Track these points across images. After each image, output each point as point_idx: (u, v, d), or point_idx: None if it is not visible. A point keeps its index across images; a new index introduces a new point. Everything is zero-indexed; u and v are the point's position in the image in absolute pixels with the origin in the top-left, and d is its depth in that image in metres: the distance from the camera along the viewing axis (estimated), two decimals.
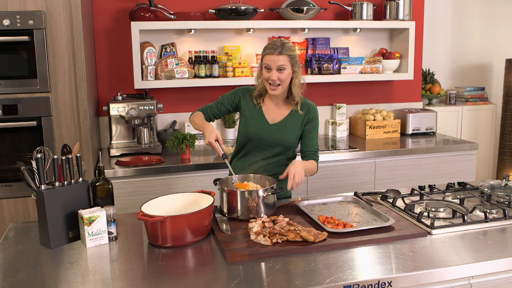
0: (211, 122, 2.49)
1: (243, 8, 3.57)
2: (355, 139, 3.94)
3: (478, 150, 3.76)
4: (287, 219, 2.00)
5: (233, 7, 3.56)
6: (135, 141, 3.51)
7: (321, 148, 3.62)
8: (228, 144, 3.62)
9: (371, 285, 1.62)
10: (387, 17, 3.91)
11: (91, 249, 1.89)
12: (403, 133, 4.02)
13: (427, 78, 4.50)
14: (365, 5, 3.82)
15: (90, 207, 1.99)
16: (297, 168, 2.24)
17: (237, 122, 3.74)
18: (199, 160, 3.31)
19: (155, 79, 3.56)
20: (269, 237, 1.86)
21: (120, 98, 3.43)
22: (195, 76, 3.63)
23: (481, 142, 4.47)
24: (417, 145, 3.73)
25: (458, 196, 2.35)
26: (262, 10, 3.68)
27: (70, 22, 2.84)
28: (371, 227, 1.97)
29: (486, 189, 2.37)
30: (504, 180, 2.37)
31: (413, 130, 3.99)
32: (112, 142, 3.49)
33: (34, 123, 2.88)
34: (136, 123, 3.43)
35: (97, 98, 3.62)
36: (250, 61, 3.81)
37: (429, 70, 4.53)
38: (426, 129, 4.02)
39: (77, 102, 2.92)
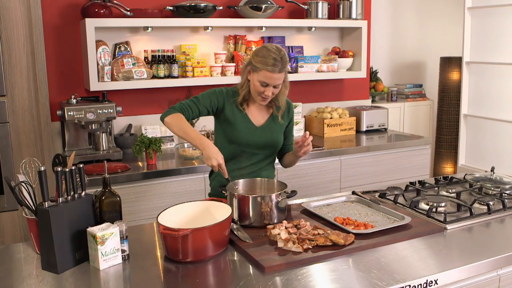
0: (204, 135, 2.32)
1: (202, 5, 3.43)
2: (312, 138, 3.94)
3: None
4: (307, 223, 1.93)
5: (192, 4, 3.40)
6: (92, 147, 3.24)
7: None
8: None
9: (420, 284, 1.60)
10: (340, 16, 3.96)
11: (104, 271, 1.68)
12: (358, 130, 4.10)
13: (371, 76, 4.63)
14: (320, 4, 3.84)
15: (96, 223, 1.78)
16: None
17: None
18: (168, 164, 3.13)
19: (111, 80, 3.31)
20: (298, 243, 1.78)
21: (74, 101, 3.14)
22: (154, 77, 3.42)
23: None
24: (371, 141, 3.82)
25: (451, 190, 2.41)
26: (221, 7, 3.56)
27: (28, 17, 2.55)
28: (391, 226, 1.95)
29: (474, 182, 2.46)
30: (492, 172, 2.47)
31: (367, 127, 4.09)
32: (66, 149, 3.19)
33: None
34: (93, 128, 3.16)
35: None
36: (208, 60, 3.67)
37: (372, 68, 4.67)
38: (379, 126, 4.13)
39: (37, 106, 2.63)
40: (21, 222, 2.69)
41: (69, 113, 3.03)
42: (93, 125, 3.14)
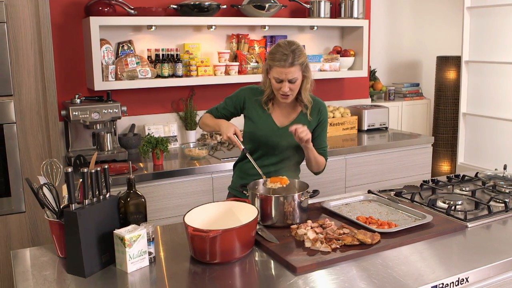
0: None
1: (207, 4, 3.39)
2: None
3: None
4: (332, 223, 1.92)
5: (197, 3, 3.37)
6: (96, 148, 3.18)
7: None
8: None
9: (452, 282, 1.60)
10: (342, 15, 3.96)
11: (132, 274, 1.65)
12: (359, 129, 4.10)
13: (370, 75, 4.64)
14: (322, 3, 3.83)
15: (121, 225, 1.75)
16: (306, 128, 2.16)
17: None
18: (174, 165, 3.09)
19: (115, 79, 3.26)
20: (326, 243, 1.77)
21: (78, 101, 3.09)
22: (158, 76, 3.38)
23: None
24: (374, 140, 3.82)
25: (464, 189, 2.43)
26: (225, 6, 3.53)
27: (37, 15, 2.49)
28: (414, 224, 1.95)
29: (487, 180, 2.48)
30: (504, 171, 2.49)
31: (369, 126, 4.09)
32: (70, 149, 3.14)
33: None
34: (98, 128, 3.11)
35: None
36: (211, 59, 3.64)
37: (370, 67, 4.68)
38: (380, 125, 4.14)
39: (45, 106, 2.58)
40: (28, 224, 2.63)
41: (74, 113, 2.98)
42: (97, 125, 3.09)
